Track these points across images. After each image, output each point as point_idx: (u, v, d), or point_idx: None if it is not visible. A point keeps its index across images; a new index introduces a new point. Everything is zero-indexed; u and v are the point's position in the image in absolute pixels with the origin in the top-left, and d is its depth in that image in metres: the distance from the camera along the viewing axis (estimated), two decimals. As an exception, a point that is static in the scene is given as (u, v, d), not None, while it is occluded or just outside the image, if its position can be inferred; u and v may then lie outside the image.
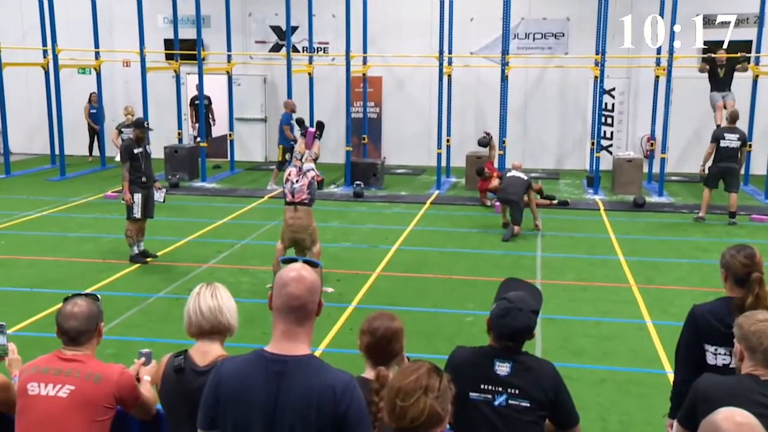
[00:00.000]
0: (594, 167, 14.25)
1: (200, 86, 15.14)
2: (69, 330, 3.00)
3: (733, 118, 11.52)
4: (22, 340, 3.42)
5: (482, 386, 2.87)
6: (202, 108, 15.37)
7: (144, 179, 9.01)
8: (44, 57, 15.45)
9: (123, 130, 12.62)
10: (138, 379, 3.13)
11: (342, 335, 6.77)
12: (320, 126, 8.47)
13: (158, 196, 9.31)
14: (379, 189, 14.28)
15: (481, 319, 7.50)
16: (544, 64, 16.37)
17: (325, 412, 2.30)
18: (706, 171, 11.47)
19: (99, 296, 3.18)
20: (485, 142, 12.93)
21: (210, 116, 16.94)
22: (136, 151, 8.95)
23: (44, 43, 15.49)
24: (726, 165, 11.34)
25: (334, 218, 11.92)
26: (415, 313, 7.30)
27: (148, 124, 9.25)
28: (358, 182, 13.76)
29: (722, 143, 11.35)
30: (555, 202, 12.79)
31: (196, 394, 2.62)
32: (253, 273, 8.74)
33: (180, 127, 16.16)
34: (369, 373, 2.81)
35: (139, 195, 8.94)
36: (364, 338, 2.90)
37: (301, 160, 7.86)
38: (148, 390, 3.11)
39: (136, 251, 9.07)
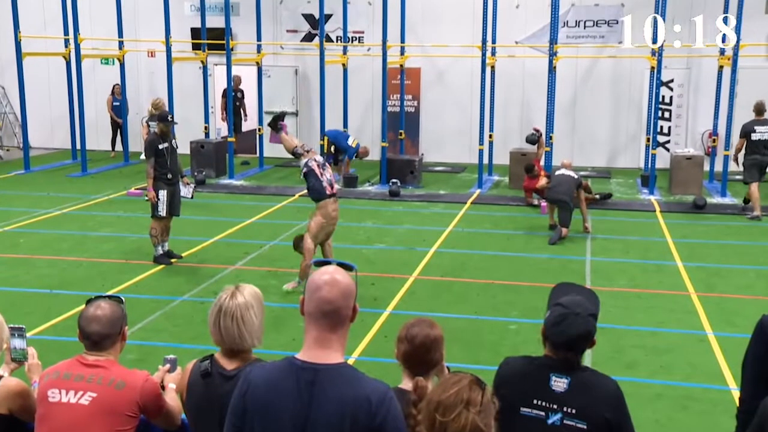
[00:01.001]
0: (649, 165, 14.05)
1: (228, 78, 15.28)
2: (91, 334, 3.04)
3: (760, 109, 11.82)
4: (41, 344, 3.48)
5: (535, 402, 2.79)
6: (230, 100, 15.53)
7: (170, 176, 9.10)
8: (66, 47, 15.76)
9: (151, 123, 12.78)
10: (162, 387, 3.16)
11: (376, 343, 6.78)
12: (279, 118, 8.78)
13: (186, 191, 9.42)
14: (416, 187, 14.27)
15: (525, 328, 7.51)
16: (596, 54, 16.17)
17: (359, 425, 2.30)
18: (741, 166, 11.71)
19: (123, 298, 3.22)
20: (534, 139, 12.82)
21: (242, 110, 17.06)
22: (161, 146, 9.03)
23: (66, 32, 15.80)
24: (760, 158, 11.71)
25: (368, 218, 11.94)
26: (455, 320, 7.27)
27: (172, 117, 9.34)
28: (394, 180, 13.77)
29: (753, 136, 11.75)
30: (597, 197, 12.64)
31: (224, 399, 2.63)
32: (282, 275, 8.78)
33: (207, 121, 16.33)
34: (406, 384, 2.80)
35: (164, 192, 9.03)
36: (402, 346, 2.89)
37: (308, 152, 8.26)
38: (173, 398, 3.14)
39: (161, 251, 9.16)
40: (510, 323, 7.28)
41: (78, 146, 15.87)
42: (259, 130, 16.22)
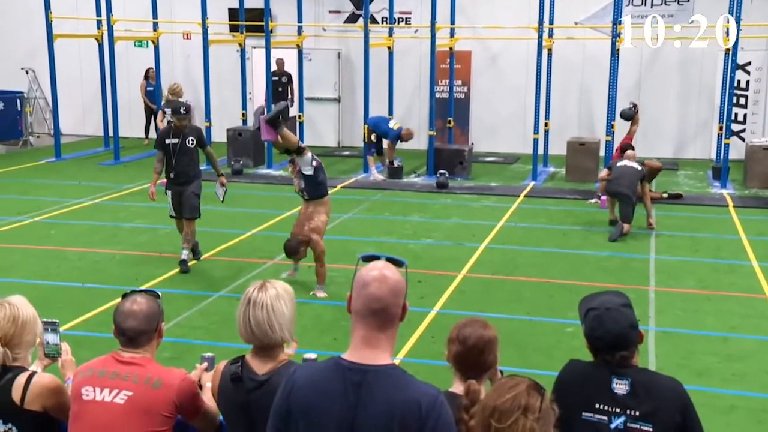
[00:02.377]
0: (722, 156, 13.77)
1: (267, 61, 15.39)
2: (127, 330, 3.10)
3: None
4: (72, 340, 3.56)
5: (597, 406, 2.84)
6: (269, 85, 15.64)
7: (172, 175, 8.85)
8: (98, 28, 16.05)
9: (167, 111, 12.94)
10: (200, 386, 3.21)
11: (423, 343, 6.79)
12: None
13: (219, 192, 9.24)
14: (465, 179, 14.22)
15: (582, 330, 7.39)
16: (663, 35, 15.86)
17: (409, 430, 2.30)
18: None
19: (159, 293, 3.28)
20: (630, 113, 12.45)
21: (290, 96, 17.17)
22: (168, 141, 8.79)
23: (98, 13, 16.09)
24: None
25: (414, 211, 11.95)
26: (506, 321, 7.24)
27: (186, 109, 9.02)
28: (442, 171, 13.74)
29: None
30: (665, 195, 12.44)
31: (255, 405, 2.65)
32: (322, 271, 8.83)
33: (244, 107, 16.49)
34: (458, 387, 2.80)
35: (170, 192, 8.92)
36: (453, 347, 2.89)
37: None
38: (210, 398, 3.18)
39: (182, 257, 8.88)
40: (566, 325, 7.21)
41: (110, 133, 16.17)
42: (299, 117, 16.32)
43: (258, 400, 2.58)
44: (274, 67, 16.83)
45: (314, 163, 7.89)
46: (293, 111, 17.15)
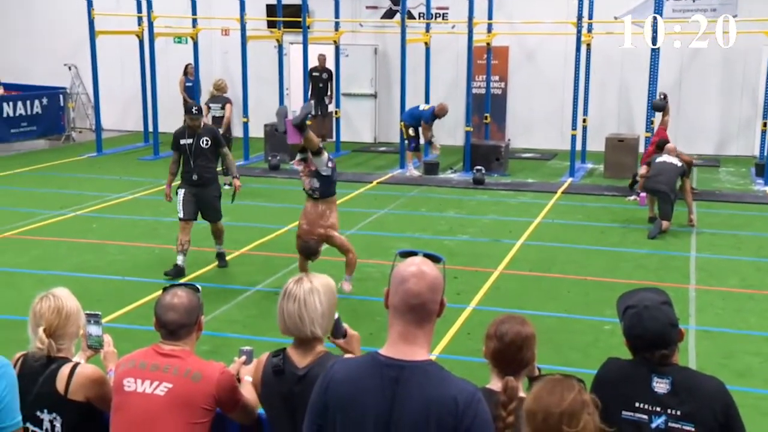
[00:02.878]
0: (765, 153, 13.53)
1: (304, 57, 15.45)
2: (168, 323, 3.14)
3: None
4: (113, 332, 3.61)
5: (637, 405, 2.82)
6: (306, 81, 15.72)
7: (194, 177, 8.60)
8: (139, 25, 16.25)
9: (211, 105, 13.05)
10: (238, 380, 3.24)
11: (459, 340, 6.78)
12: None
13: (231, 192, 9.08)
14: (502, 175, 14.16)
15: (620, 328, 7.30)
16: (706, 30, 15.60)
17: (445, 427, 2.31)
18: None
19: (199, 287, 3.31)
20: (662, 105, 12.33)
21: (329, 92, 17.24)
22: (182, 141, 8.62)
23: (139, 10, 16.29)
24: None
25: (450, 207, 11.93)
26: (543, 318, 7.20)
27: (198, 109, 8.80)
28: (478, 167, 13.69)
29: None
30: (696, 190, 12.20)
31: (297, 398, 2.68)
32: (358, 267, 8.85)
33: (281, 103, 16.55)
34: (495, 384, 2.79)
35: (183, 191, 8.61)
36: (491, 344, 2.88)
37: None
38: (249, 392, 3.21)
39: (178, 262, 8.50)
40: (604, 323, 7.16)
41: (150, 128, 16.37)
42: (336, 113, 16.36)
43: (300, 393, 2.61)
44: (315, 63, 16.92)
45: (330, 164, 7.78)
46: (330, 107, 17.26)
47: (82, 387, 3.13)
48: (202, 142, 8.60)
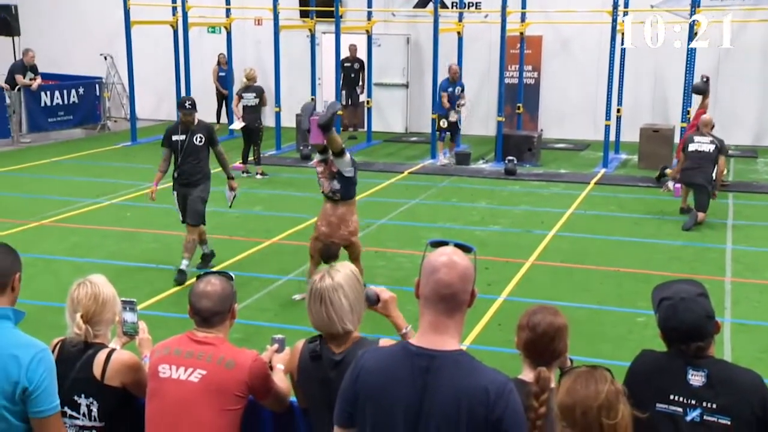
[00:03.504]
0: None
1: (336, 47, 15.46)
2: (202, 310, 3.17)
3: None
4: (147, 319, 3.67)
5: (672, 397, 2.79)
6: (338, 70, 15.73)
7: (177, 174, 8.21)
8: (173, 14, 16.37)
9: (243, 95, 13.12)
10: (270, 368, 3.27)
11: (489, 331, 6.77)
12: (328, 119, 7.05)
13: (228, 195, 8.61)
14: (534, 166, 14.08)
15: (654, 320, 7.23)
16: (744, 18, 15.36)
17: (476, 417, 2.31)
18: None
19: (233, 275, 3.35)
20: (703, 87, 12.11)
21: (360, 83, 17.27)
22: (174, 137, 8.15)
23: (174, 0, 16.40)
24: None
25: (482, 198, 11.90)
26: (575, 310, 7.16)
27: (192, 103, 8.24)
28: (510, 158, 13.63)
29: None
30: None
31: (334, 383, 2.71)
32: (390, 257, 8.89)
33: (314, 92, 16.61)
34: (527, 375, 2.79)
35: (174, 193, 8.35)
36: (523, 334, 2.87)
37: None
38: (281, 379, 3.25)
39: (182, 266, 8.04)
40: (637, 315, 7.10)
41: (183, 118, 16.47)
42: (368, 102, 16.37)
43: (336, 379, 2.63)
44: (346, 54, 16.93)
45: (354, 165, 7.40)
46: (362, 97, 17.27)
47: (118, 373, 3.18)
48: (196, 139, 8.10)
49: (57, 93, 16.70)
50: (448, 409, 2.32)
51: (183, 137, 8.08)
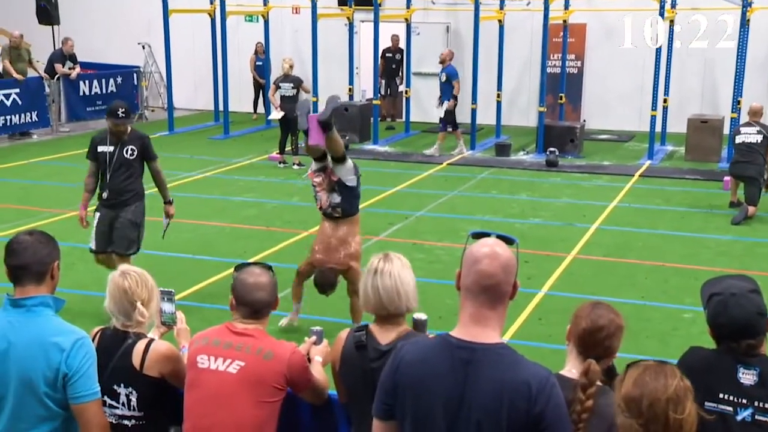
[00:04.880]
0: None
1: (375, 36, 15.44)
2: (255, 302, 3.20)
3: None
4: (183, 310, 3.71)
5: (721, 396, 2.75)
6: (376, 60, 15.71)
7: (105, 194, 6.88)
8: (211, 3, 16.48)
9: (281, 85, 13.18)
10: (308, 360, 3.29)
11: (530, 325, 6.73)
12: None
13: (163, 222, 7.38)
14: (576, 157, 13.94)
15: (702, 317, 7.12)
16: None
17: (518, 411, 2.30)
18: None
19: (272, 266, 3.37)
20: None
21: (400, 73, 17.24)
22: (101, 149, 6.81)
23: (211, -12, 16.53)
24: None
25: (522, 190, 11.82)
26: (619, 305, 6.87)
27: (126, 111, 6.85)
28: (552, 149, 13.51)
29: None
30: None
31: (377, 373, 2.71)
32: (428, 249, 8.88)
33: (351, 82, 16.63)
34: (569, 371, 2.75)
35: (98, 215, 6.98)
36: (582, 324, 2.78)
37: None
38: (319, 372, 3.27)
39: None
40: (684, 311, 7.01)
41: (221, 108, 16.64)
42: (406, 92, 16.33)
43: (380, 369, 2.63)
44: (385, 43, 16.90)
45: (357, 173, 6.46)
46: (401, 87, 17.24)
47: (157, 363, 3.22)
48: (127, 152, 6.83)
49: (95, 82, 16.94)
50: (489, 403, 2.31)
51: (111, 149, 6.78)
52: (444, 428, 2.37)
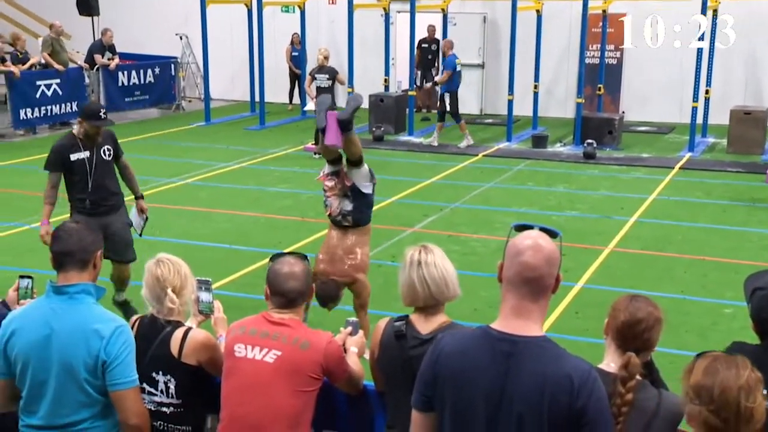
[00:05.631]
0: None
1: (411, 26, 15.39)
2: (289, 291, 3.21)
3: None
4: (220, 299, 3.74)
5: (766, 392, 2.70)
6: (412, 50, 15.66)
7: (89, 203, 6.30)
8: (248, -6, 16.56)
9: (316, 76, 13.21)
10: (344, 350, 3.31)
11: (566, 318, 6.68)
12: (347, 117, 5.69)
13: (136, 222, 6.80)
14: (615, 149, 13.80)
15: (743, 312, 7.00)
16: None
17: (559, 405, 2.28)
18: None
19: (306, 255, 3.39)
20: None
21: (436, 63, 17.20)
22: (74, 157, 6.23)
23: (248, -21, 16.60)
24: None
25: (559, 182, 11.73)
26: (657, 299, 6.86)
27: (105, 112, 6.43)
28: (589, 141, 13.38)
29: None
30: None
31: (417, 362, 2.72)
32: (463, 241, 8.85)
33: (387, 73, 16.60)
34: (608, 365, 2.72)
35: None
36: (621, 316, 2.76)
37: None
38: (355, 362, 3.29)
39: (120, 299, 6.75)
40: (724, 306, 6.91)
41: (257, 98, 16.73)
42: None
43: (420, 357, 2.64)
44: (424, 34, 16.85)
45: (374, 180, 6.02)
46: (436, 78, 17.14)
47: (195, 351, 3.26)
48: (104, 153, 6.38)
49: (133, 73, 17.12)
50: (531, 396, 2.30)
51: (87, 154, 6.26)
52: (484, 421, 2.36)
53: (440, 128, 14.14)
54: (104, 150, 6.38)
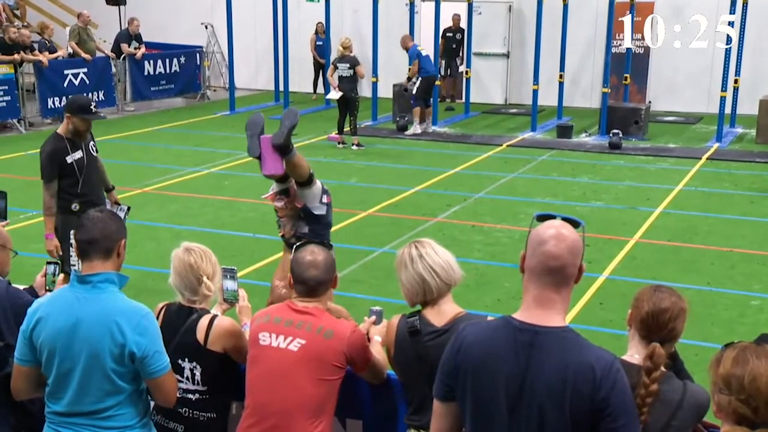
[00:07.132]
0: None
1: (436, 15, 15.34)
2: (309, 279, 3.23)
3: None
4: (244, 288, 3.76)
5: None
6: (437, 40, 15.60)
7: (77, 205, 5.93)
8: (285, -18, 16.56)
9: (338, 65, 13.20)
10: (368, 339, 3.31)
11: (590, 309, 6.64)
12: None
13: (119, 209, 6.38)
14: (641, 140, 13.68)
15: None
16: None
17: (581, 396, 2.27)
18: None
19: (332, 244, 3.40)
20: None
21: (461, 53, 17.15)
22: (69, 158, 5.89)
23: (273, -33, 16.62)
24: None
25: (584, 173, 11.65)
26: (682, 291, 6.81)
27: (96, 105, 6.18)
28: (615, 131, 13.26)
29: None
30: None
31: (434, 355, 2.71)
32: (487, 231, 8.82)
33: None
34: (632, 356, 2.70)
35: (73, 233, 5.28)
36: (645, 306, 2.73)
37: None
38: (378, 351, 3.30)
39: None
40: (752, 298, 6.85)
41: (281, 87, 16.76)
42: (467, 73, 16.21)
43: (436, 348, 2.63)
44: (448, 23, 16.77)
45: (325, 199, 5.34)
46: (461, 67, 17.07)
47: (220, 338, 3.28)
48: (92, 149, 6.11)
49: (159, 62, 17.21)
50: (553, 386, 2.29)
51: (80, 153, 5.94)
52: (505, 411, 2.35)
53: (420, 113, 14.14)
54: (91, 145, 6.08)
